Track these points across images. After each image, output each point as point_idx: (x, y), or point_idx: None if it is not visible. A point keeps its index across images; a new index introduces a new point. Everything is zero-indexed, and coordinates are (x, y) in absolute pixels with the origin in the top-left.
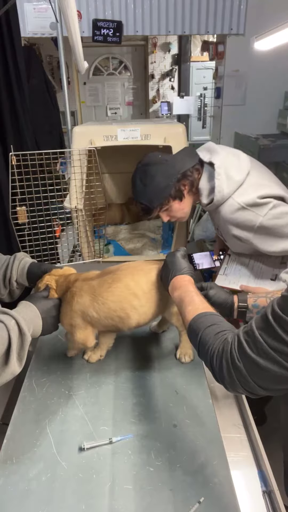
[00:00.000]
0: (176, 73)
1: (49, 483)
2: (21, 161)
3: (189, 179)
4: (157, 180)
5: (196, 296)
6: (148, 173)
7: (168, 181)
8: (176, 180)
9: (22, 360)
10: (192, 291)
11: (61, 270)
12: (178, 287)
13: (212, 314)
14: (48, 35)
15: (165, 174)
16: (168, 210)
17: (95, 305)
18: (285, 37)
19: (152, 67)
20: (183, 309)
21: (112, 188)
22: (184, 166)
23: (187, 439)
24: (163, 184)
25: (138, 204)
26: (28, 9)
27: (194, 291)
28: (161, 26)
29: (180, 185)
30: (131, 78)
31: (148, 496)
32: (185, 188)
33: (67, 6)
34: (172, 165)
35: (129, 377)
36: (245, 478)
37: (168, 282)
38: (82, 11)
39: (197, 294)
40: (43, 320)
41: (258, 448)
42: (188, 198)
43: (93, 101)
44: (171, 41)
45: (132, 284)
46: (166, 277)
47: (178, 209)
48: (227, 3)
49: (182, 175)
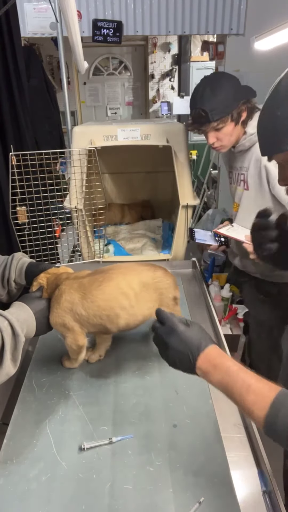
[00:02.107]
0: (176, 73)
1: (49, 483)
2: (21, 161)
3: (249, 107)
4: (228, 93)
5: (245, 374)
6: (221, 84)
7: (237, 98)
8: (242, 102)
9: (16, 361)
10: (236, 369)
11: (57, 270)
12: (212, 370)
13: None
14: (48, 35)
15: (236, 91)
16: (220, 130)
17: (84, 302)
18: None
19: (152, 67)
20: (238, 399)
21: (112, 188)
22: (249, 94)
23: (187, 439)
24: (231, 100)
25: (196, 110)
26: (28, 9)
27: (237, 367)
28: (161, 26)
29: (242, 109)
30: (131, 78)
31: (148, 496)
32: (243, 115)
33: (67, 6)
34: (243, 87)
35: (129, 377)
36: (245, 478)
37: (193, 367)
38: (82, 11)
39: (244, 370)
40: (36, 321)
41: (258, 448)
42: (239, 128)
43: (93, 101)
44: (171, 41)
45: (123, 284)
46: (186, 360)
47: (228, 133)
48: (227, 3)
49: (247, 100)
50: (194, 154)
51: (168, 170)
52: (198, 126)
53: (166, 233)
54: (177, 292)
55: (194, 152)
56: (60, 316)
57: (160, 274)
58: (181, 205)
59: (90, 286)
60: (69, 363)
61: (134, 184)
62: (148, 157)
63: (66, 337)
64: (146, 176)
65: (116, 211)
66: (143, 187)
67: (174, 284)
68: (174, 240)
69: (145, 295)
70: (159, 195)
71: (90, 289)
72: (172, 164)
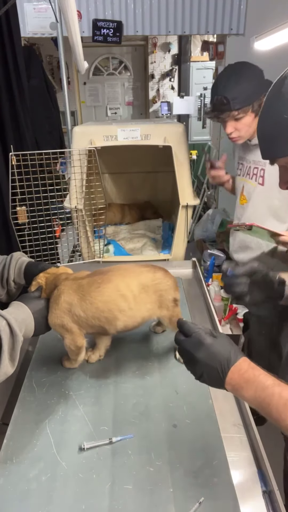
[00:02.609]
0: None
1: (49, 483)
2: (21, 161)
3: None
4: (252, 84)
5: (280, 388)
6: (246, 74)
7: (260, 90)
8: (264, 94)
9: (14, 360)
10: (270, 383)
11: (56, 270)
12: (244, 384)
13: None
14: (48, 35)
15: (260, 83)
16: (239, 120)
17: (82, 304)
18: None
19: (152, 67)
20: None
21: (112, 188)
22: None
23: (187, 439)
24: (254, 90)
25: (218, 97)
26: (28, 9)
27: (271, 380)
28: (161, 26)
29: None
30: (131, 78)
31: (148, 496)
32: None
33: (67, 6)
34: (266, 81)
35: (129, 377)
36: (245, 478)
37: (223, 382)
38: (82, 11)
39: (279, 383)
40: (35, 320)
41: (258, 448)
42: (257, 120)
43: (93, 101)
44: (171, 41)
45: (122, 286)
46: (215, 375)
47: (247, 124)
48: (227, 3)
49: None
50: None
51: (168, 170)
52: (218, 113)
53: (166, 233)
54: (177, 293)
55: (194, 152)
56: (58, 317)
57: (160, 275)
58: (181, 205)
59: (89, 288)
60: (69, 363)
61: (134, 184)
62: (148, 157)
63: (64, 338)
64: (146, 176)
65: (116, 211)
66: (143, 187)
67: (174, 286)
68: (174, 240)
69: (144, 297)
70: (159, 195)
71: (89, 290)
72: (172, 164)
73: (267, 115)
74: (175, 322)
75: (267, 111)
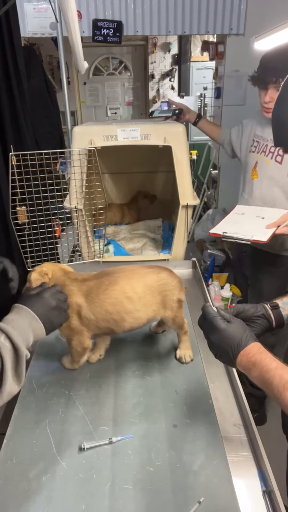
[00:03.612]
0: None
1: (49, 483)
2: (21, 161)
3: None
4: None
5: (283, 371)
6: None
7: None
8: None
9: (20, 377)
10: (274, 366)
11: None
12: (251, 367)
13: None
14: (48, 35)
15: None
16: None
17: (92, 307)
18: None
19: (152, 67)
20: (277, 395)
21: (112, 188)
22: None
23: (187, 439)
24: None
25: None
26: (28, 9)
27: (276, 363)
28: (161, 26)
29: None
30: (131, 78)
31: (148, 496)
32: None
33: (67, 6)
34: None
35: (129, 377)
36: (245, 478)
37: (234, 363)
38: (82, 11)
39: (282, 366)
40: (44, 318)
41: (258, 448)
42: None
43: (93, 101)
44: (171, 41)
45: (128, 288)
46: (227, 356)
47: None
48: (227, 3)
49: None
50: (194, 154)
51: (168, 170)
52: (263, 79)
53: (166, 233)
54: (182, 294)
55: (194, 152)
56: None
57: (165, 276)
58: (181, 205)
59: (97, 290)
60: (70, 364)
61: (134, 184)
62: (148, 157)
63: (71, 339)
64: (146, 176)
65: (116, 211)
66: (143, 187)
67: (178, 286)
68: (174, 240)
69: (150, 298)
70: (159, 195)
71: (97, 292)
72: (172, 164)
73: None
74: (178, 323)
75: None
